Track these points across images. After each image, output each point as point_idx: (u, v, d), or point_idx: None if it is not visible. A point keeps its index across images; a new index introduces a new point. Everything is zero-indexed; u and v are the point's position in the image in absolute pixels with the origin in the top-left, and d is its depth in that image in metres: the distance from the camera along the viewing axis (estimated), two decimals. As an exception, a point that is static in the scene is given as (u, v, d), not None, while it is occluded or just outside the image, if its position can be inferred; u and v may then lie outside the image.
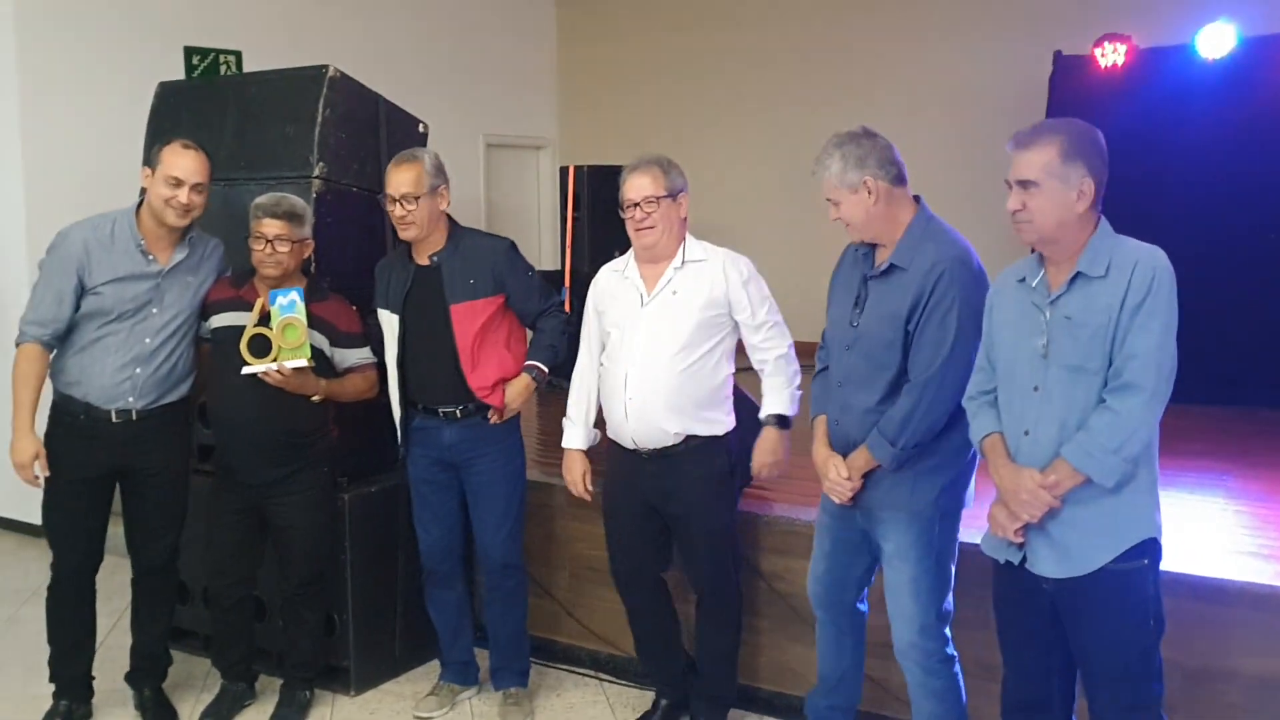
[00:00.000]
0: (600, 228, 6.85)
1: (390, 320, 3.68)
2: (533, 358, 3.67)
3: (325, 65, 3.99)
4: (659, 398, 3.34)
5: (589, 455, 3.66)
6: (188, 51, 6.50)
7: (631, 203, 3.37)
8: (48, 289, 3.41)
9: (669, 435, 3.37)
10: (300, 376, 3.49)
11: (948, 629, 3.05)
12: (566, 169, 7.39)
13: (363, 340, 3.74)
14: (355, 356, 3.72)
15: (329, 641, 3.94)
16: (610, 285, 3.55)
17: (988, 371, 2.74)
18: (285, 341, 3.46)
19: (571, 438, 3.63)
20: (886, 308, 2.92)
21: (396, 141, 4.20)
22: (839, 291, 3.12)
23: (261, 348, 3.47)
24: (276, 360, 3.46)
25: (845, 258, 3.15)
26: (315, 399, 3.58)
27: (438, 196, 3.57)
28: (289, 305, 3.47)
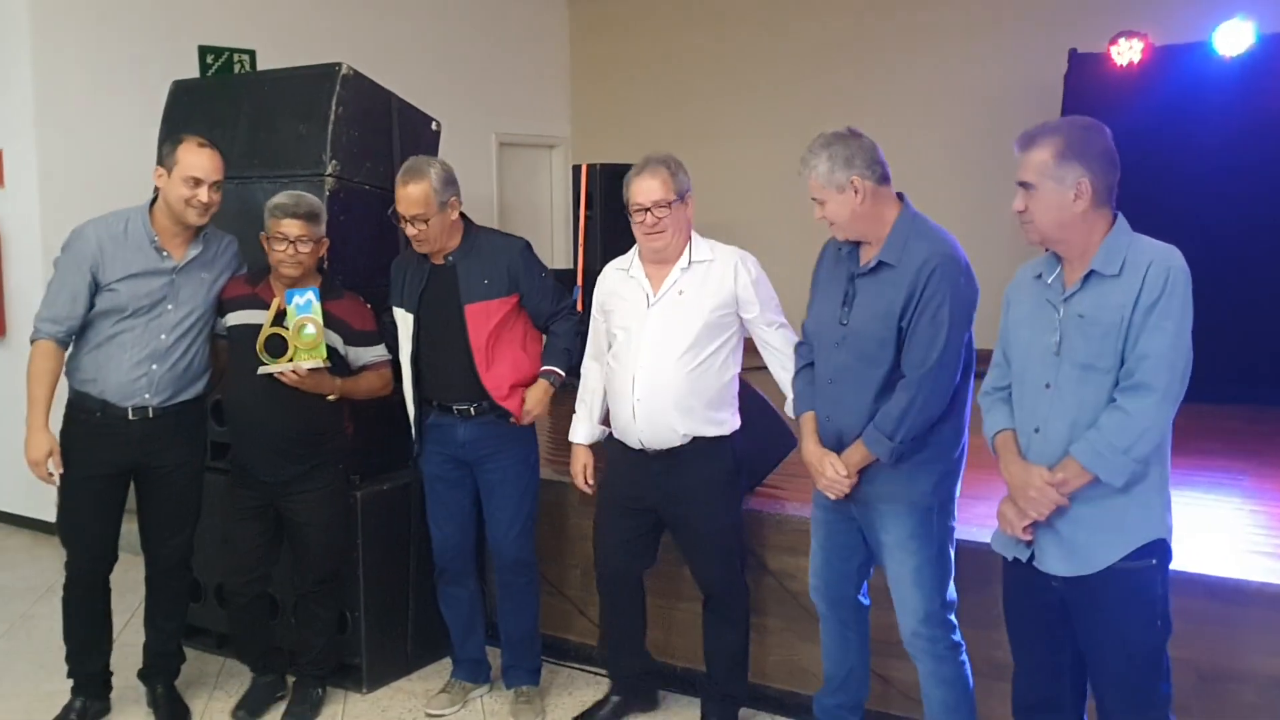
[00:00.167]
0: (613, 226, 6.83)
1: (405, 319, 3.68)
2: (548, 362, 3.67)
3: (338, 63, 4.00)
4: (668, 399, 3.33)
5: (596, 452, 3.66)
6: (202, 50, 6.52)
7: (641, 207, 3.34)
8: (62, 286, 3.42)
9: (677, 436, 3.37)
10: (316, 376, 3.50)
11: (953, 616, 3.06)
12: (579, 167, 7.39)
13: (377, 338, 3.74)
14: (370, 354, 3.73)
15: (341, 639, 3.95)
16: (616, 284, 3.53)
17: (1003, 367, 2.73)
18: (301, 341, 3.47)
19: (576, 432, 3.65)
20: (878, 305, 2.94)
21: (409, 139, 4.21)
22: (824, 289, 3.13)
23: (278, 347, 3.48)
24: (292, 360, 3.46)
25: (826, 255, 3.18)
26: (331, 398, 3.59)
27: (448, 209, 3.56)
28: (305, 305, 3.47)
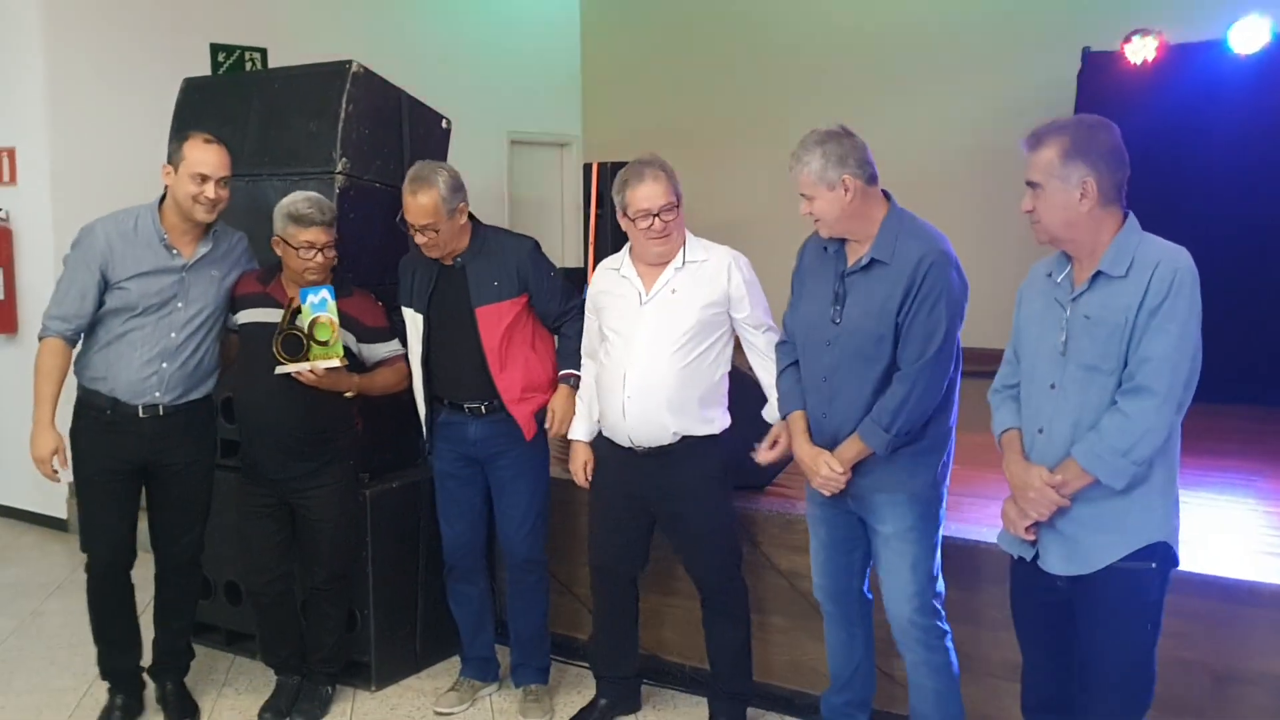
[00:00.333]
0: (623, 225, 6.82)
1: (415, 319, 3.69)
2: (565, 365, 3.67)
3: (348, 61, 3.99)
4: (659, 397, 3.34)
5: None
6: (213, 48, 6.52)
7: (648, 213, 3.32)
8: (71, 284, 3.41)
9: (668, 434, 3.37)
10: (334, 374, 3.49)
11: (941, 605, 3.10)
12: (590, 166, 7.37)
13: (390, 334, 3.74)
14: (384, 350, 3.73)
15: (350, 636, 3.94)
16: (608, 284, 3.53)
17: (1013, 365, 2.73)
18: (317, 340, 3.45)
19: (576, 429, 3.64)
20: (873, 303, 2.96)
21: (419, 137, 4.20)
22: (811, 288, 3.13)
23: (294, 347, 3.46)
24: (309, 359, 3.45)
25: (807, 254, 3.19)
26: (349, 395, 3.58)
27: (457, 214, 3.56)
28: (320, 304, 3.46)
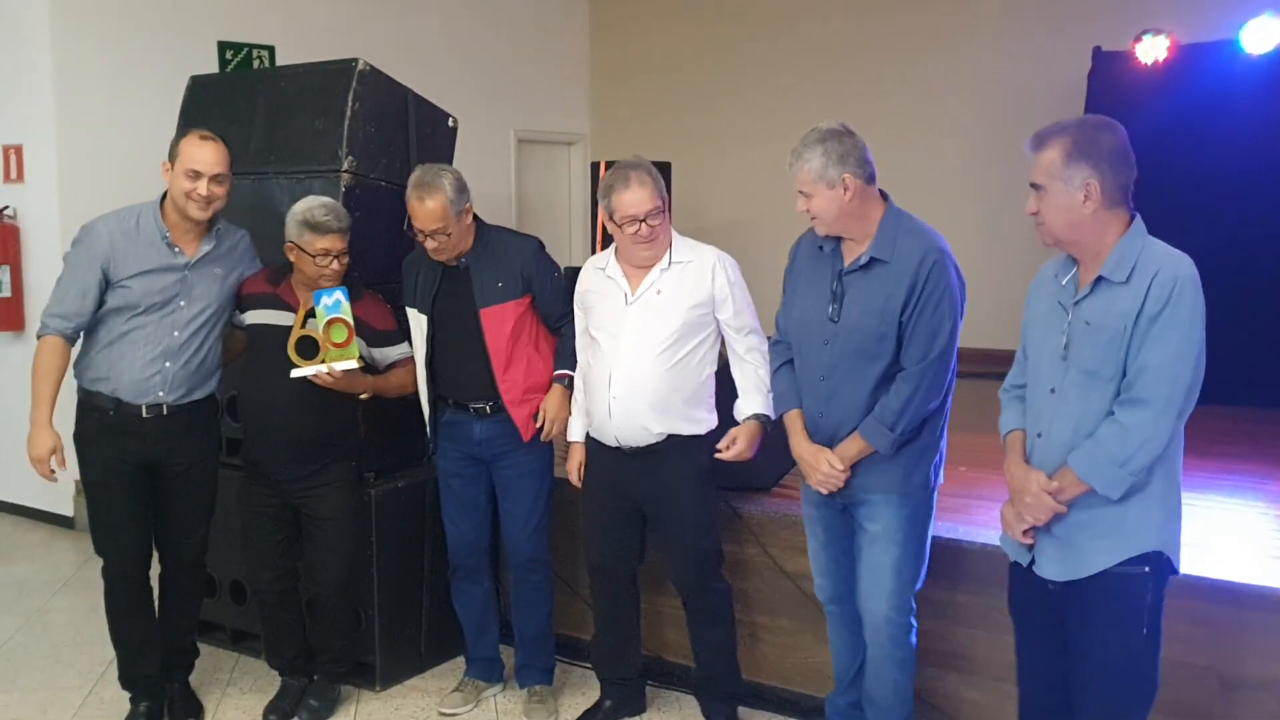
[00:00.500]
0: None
1: (419, 320, 3.68)
2: (561, 366, 3.65)
3: (354, 59, 3.98)
4: (644, 397, 3.34)
5: None
6: (221, 46, 6.51)
7: (635, 218, 3.31)
8: (72, 282, 3.38)
9: (652, 434, 3.37)
10: (349, 376, 3.46)
11: (913, 600, 3.13)
12: (598, 164, 7.36)
13: (400, 336, 3.72)
14: (395, 353, 3.71)
15: (355, 637, 3.93)
16: (593, 284, 3.52)
17: (1023, 364, 2.71)
18: (333, 342, 3.43)
19: (572, 429, 3.64)
20: (873, 302, 2.95)
21: (425, 135, 4.19)
22: (806, 286, 3.13)
23: (309, 349, 3.44)
24: (325, 361, 3.42)
25: (801, 252, 3.19)
26: (363, 396, 3.56)
27: (464, 215, 3.55)
28: (334, 305, 3.44)
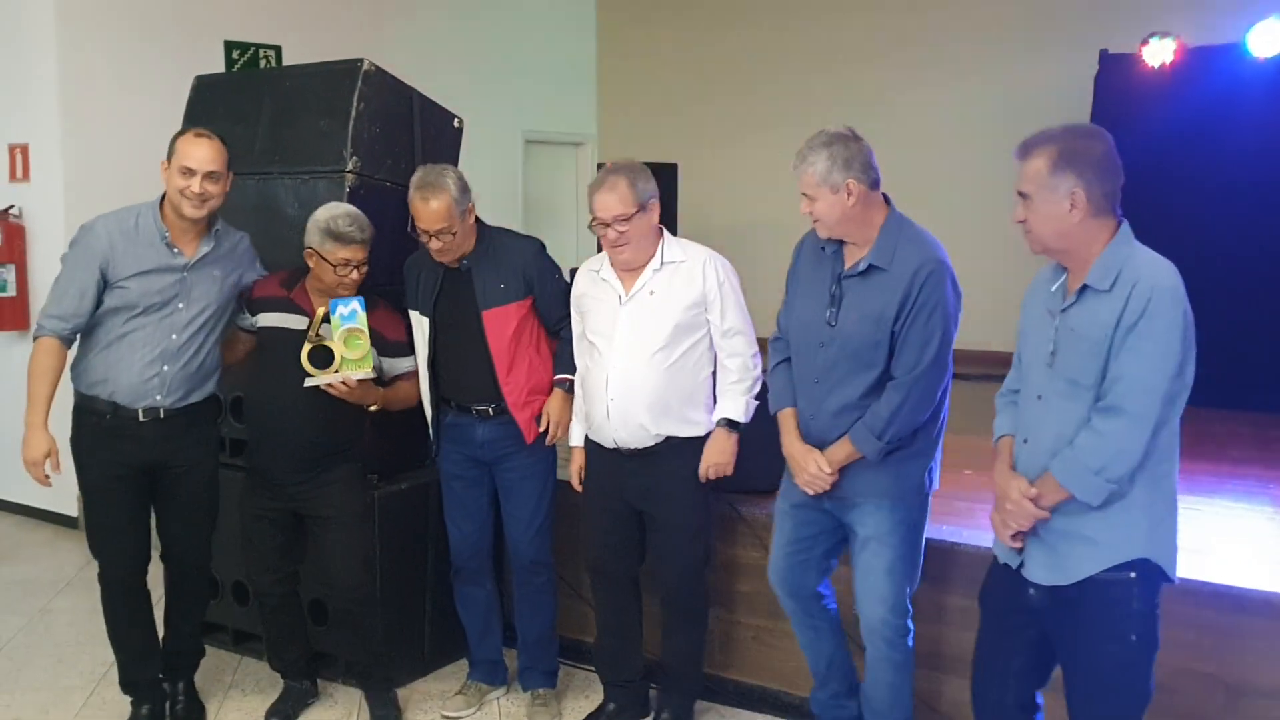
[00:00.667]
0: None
1: (421, 322, 3.67)
2: (561, 370, 3.64)
3: (360, 59, 3.97)
4: (640, 398, 3.33)
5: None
6: (228, 46, 6.51)
7: (602, 222, 3.34)
8: (70, 282, 3.33)
9: (650, 436, 3.37)
10: (363, 387, 3.43)
11: (910, 603, 3.14)
12: (605, 165, 7.34)
13: (410, 349, 3.69)
14: (404, 365, 3.68)
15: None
16: (588, 287, 3.52)
17: (1019, 370, 2.72)
18: (349, 352, 3.39)
19: (573, 434, 3.64)
20: (869, 309, 2.97)
21: (431, 136, 4.18)
22: (807, 287, 3.14)
23: (323, 359, 3.40)
24: (339, 371, 3.39)
25: (804, 252, 3.19)
26: (373, 408, 3.53)
27: (468, 215, 3.55)
28: (350, 315, 3.40)
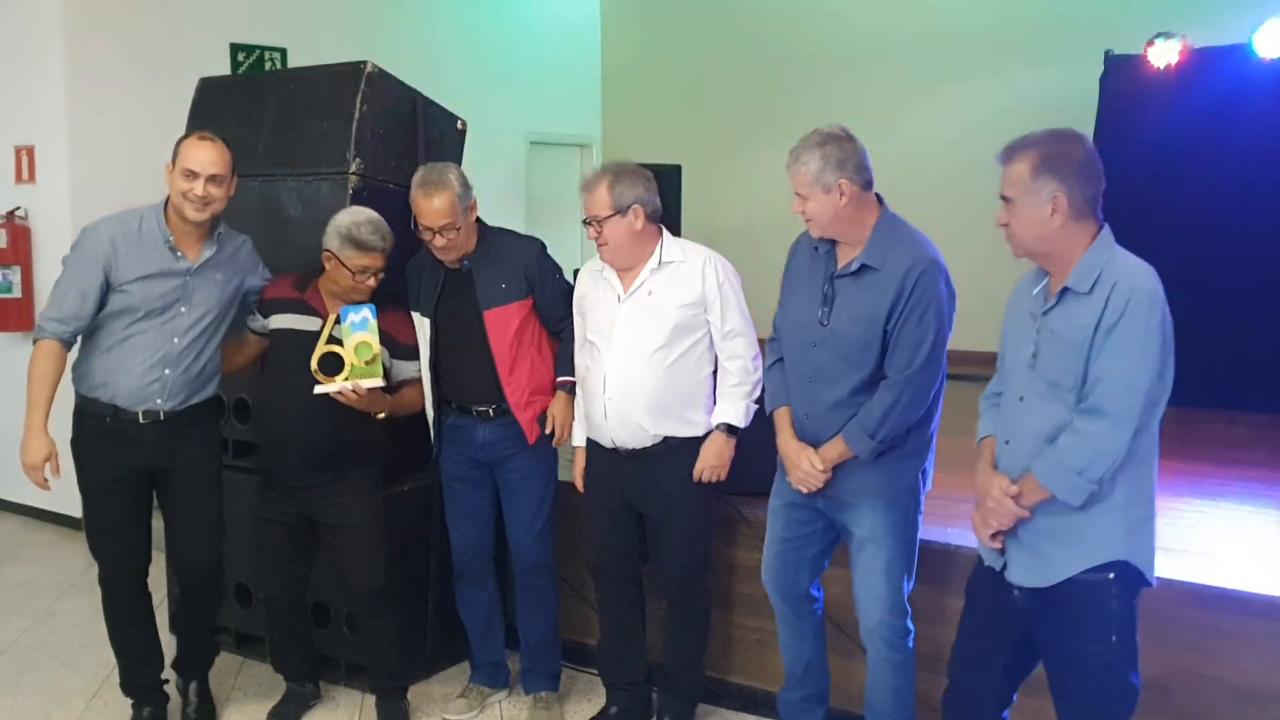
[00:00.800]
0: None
1: (422, 323, 3.66)
2: (562, 372, 3.63)
3: (363, 61, 3.97)
4: (638, 398, 3.33)
5: None
6: (233, 48, 6.52)
7: (585, 219, 3.38)
8: (72, 285, 3.31)
9: (648, 436, 3.37)
10: (373, 395, 3.41)
11: (908, 604, 3.14)
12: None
13: (417, 352, 3.67)
14: (411, 369, 3.66)
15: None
16: (589, 286, 3.52)
17: (1002, 373, 2.75)
18: (359, 360, 3.36)
19: (575, 435, 3.63)
20: (862, 308, 2.97)
21: (434, 138, 4.17)
22: (800, 287, 3.15)
23: (333, 366, 3.38)
24: (349, 379, 3.36)
25: (799, 253, 3.21)
26: (380, 416, 3.51)
27: (470, 212, 3.55)
28: (361, 323, 3.38)
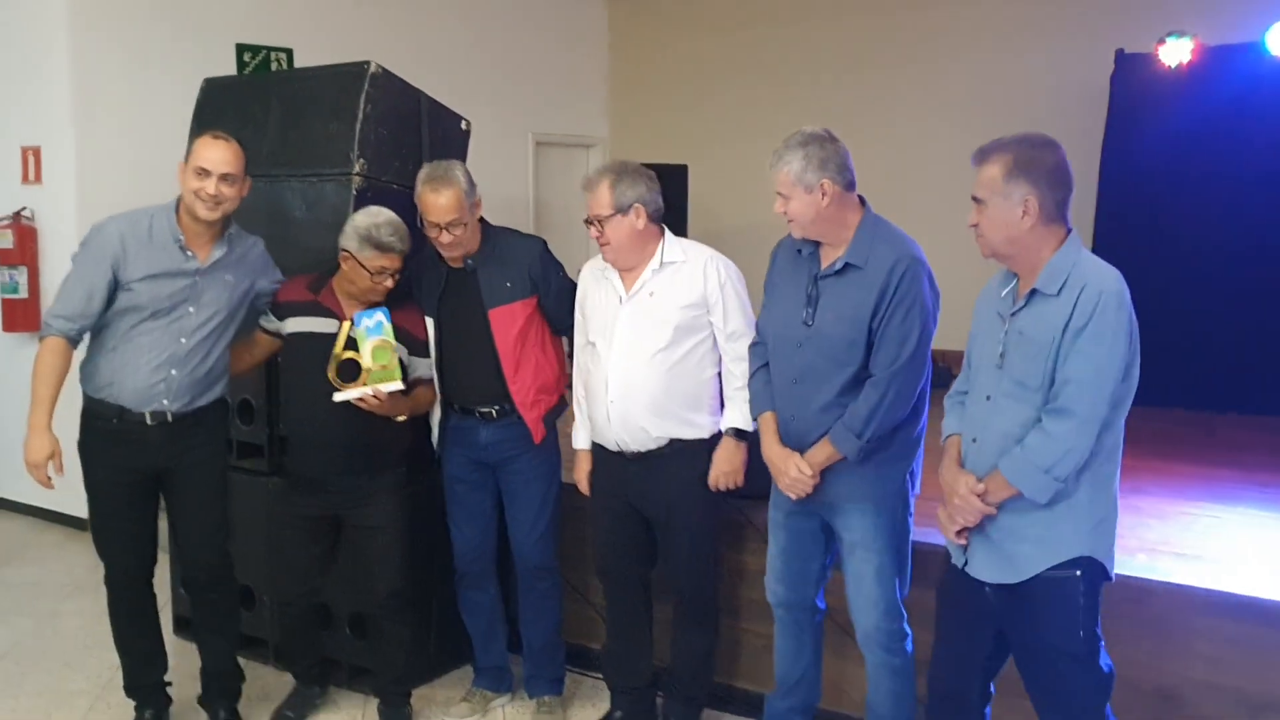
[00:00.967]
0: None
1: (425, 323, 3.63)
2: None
3: (367, 61, 3.95)
4: (641, 400, 3.31)
5: None
6: (239, 49, 6.50)
7: (586, 219, 3.36)
8: (79, 283, 3.30)
9: (651, 438, 3.34)
10: (393, 399, 3.38)
11: (903, 607, 3.14)
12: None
13: (429, 349, 3.65)
14: (424, 366, 3.62)
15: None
16: (591, 287, 3.50)
17: (968, 372, 2.77)
18: (376, 364, 3.34)
19: (577, 439, 3.60)
20: (846, 308, 2.97)
21: (438, 138, 4.16)
22: (783, 289, 3.14)
23: (351, 372, 3.35)
24: (368, 384, 3.32)
25: (780, 256, 3.21)
26: (400, 419, 3.48)
27: (476, 209, 3.53)
28: (375, 327, 3.35)
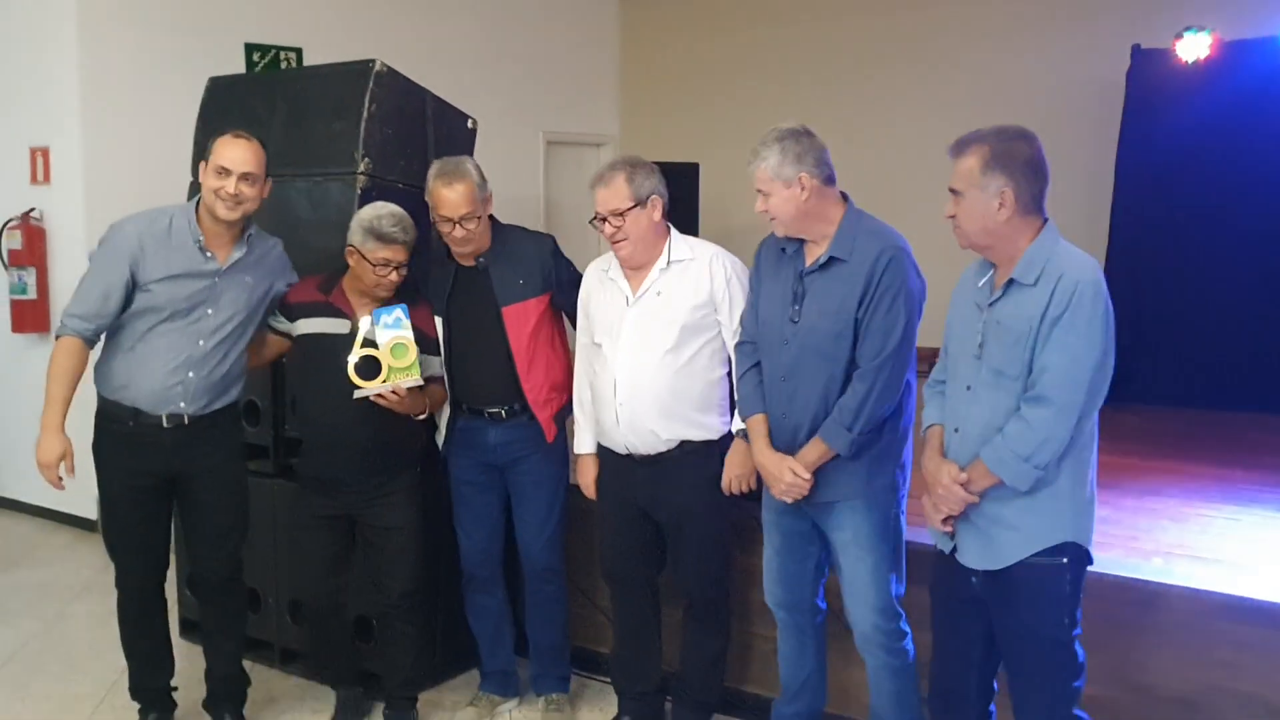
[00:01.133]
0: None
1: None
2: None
3: (372, 60, 3.92)
4: (650, 402, 3.27)
5: None
6: (248, 48, 6.49)
7: (599, 216, 3.30)
8: (96, 282, 3.26)
9: (661, 441, 3.31)
10: (411, 396, 3.34)
11: (900, 606, 3.11)
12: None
13: (439, 348, 3.62)
14: (435, 364, 3.58)
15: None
16: (595, 288, 3.46)
17: (946, 362, 2.78)
18: (395, 361, 3.30)
19: (581, 443, 3.57)
20: (831, 301, 2.96)
21: (444, 137, 4.13)
22: (768, 288, 3.13)
23: (370, 370, 3.32)
24: (388, 380, 3.30)
25: (764, 255, 3.19)
26: (420, 417, 3.46)
27: (488, 204, 3.51)
28: (394, 323, 3.32)
